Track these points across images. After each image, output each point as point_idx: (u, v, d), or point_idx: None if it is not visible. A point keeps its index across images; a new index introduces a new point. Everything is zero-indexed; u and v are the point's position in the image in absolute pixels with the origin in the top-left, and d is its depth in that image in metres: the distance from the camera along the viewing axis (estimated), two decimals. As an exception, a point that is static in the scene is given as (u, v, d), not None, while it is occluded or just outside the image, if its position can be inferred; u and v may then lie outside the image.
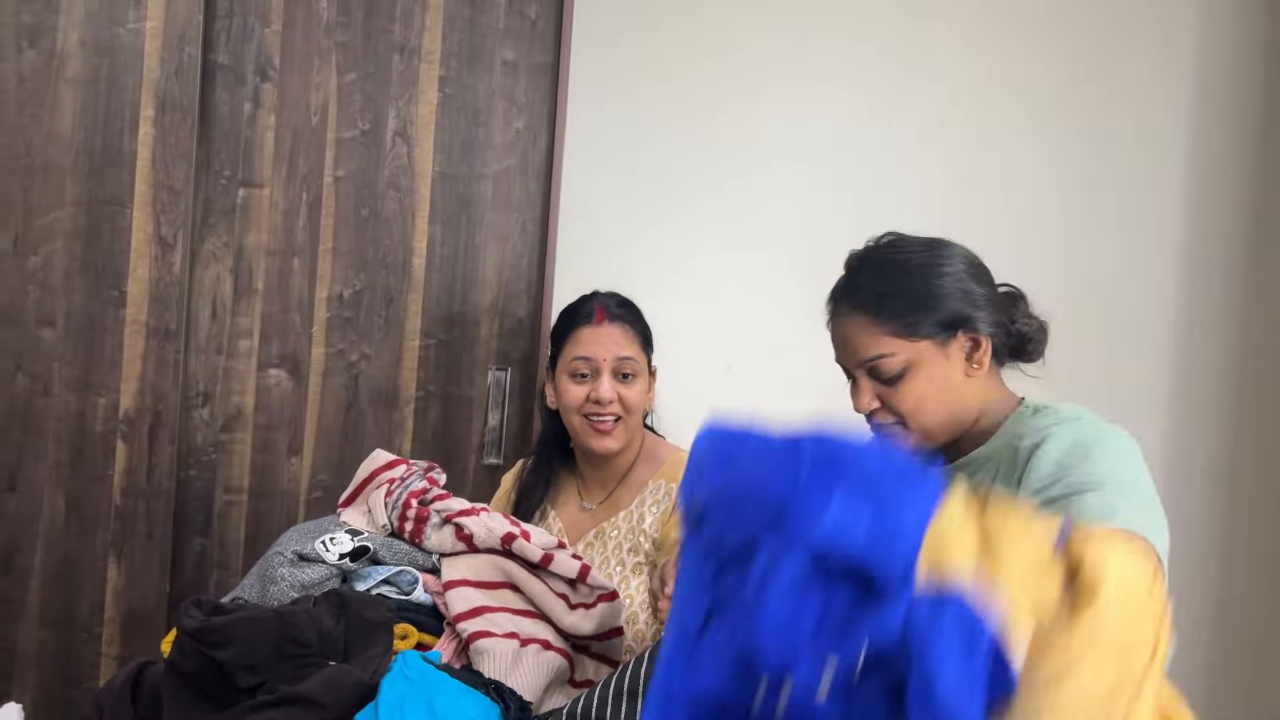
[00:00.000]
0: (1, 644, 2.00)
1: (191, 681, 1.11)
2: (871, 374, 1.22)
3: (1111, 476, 1.11)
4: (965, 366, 1.23)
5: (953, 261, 1.24)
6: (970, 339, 1.23)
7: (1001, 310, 1.27)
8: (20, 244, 1.98)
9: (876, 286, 1.23)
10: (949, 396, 1.22)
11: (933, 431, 1.23)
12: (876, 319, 1.21)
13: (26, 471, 2.00)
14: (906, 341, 1.20)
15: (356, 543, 1.31)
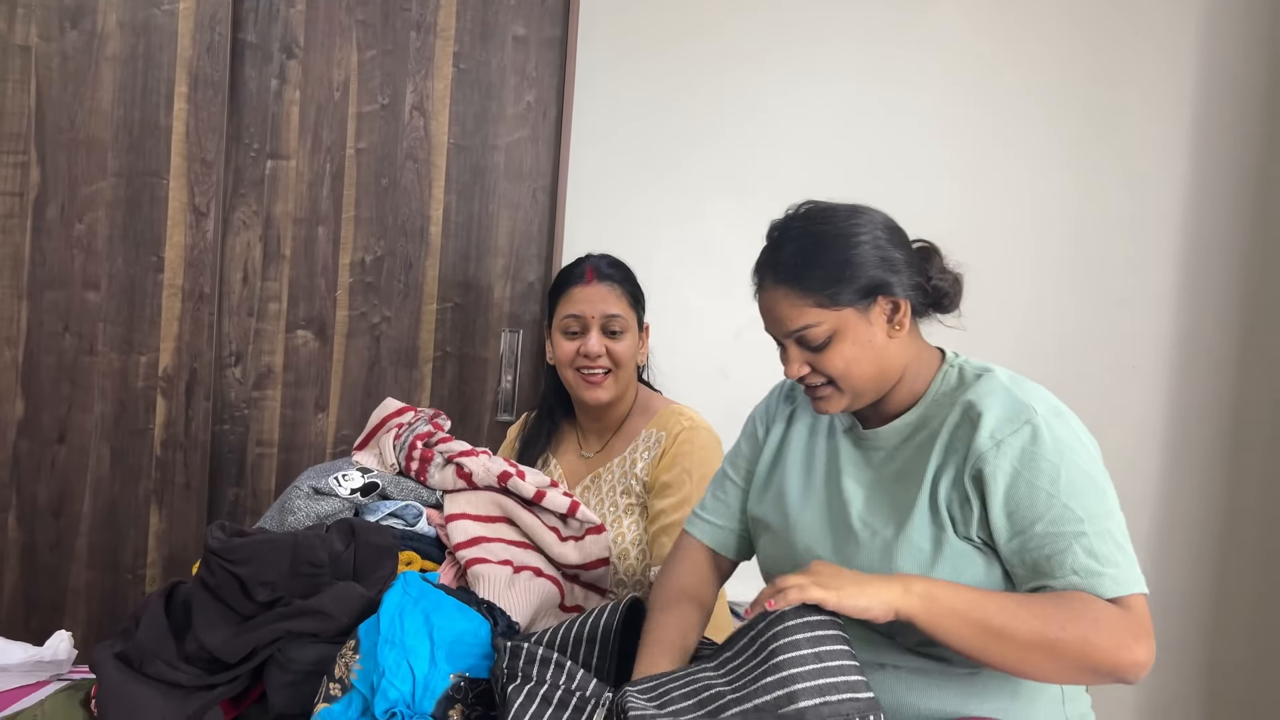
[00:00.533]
0: (54, 583, 2.17)
1: (216, 595, 1.25)
2: (800, 343, 1.27)
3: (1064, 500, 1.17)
4: (887, 329, 1.27)
5: (869, 229, 1.28)
6: (890, 303, 1.27)
7: (918, 270, 1.31)
8: (66, 212, 2.13)
9: (797, 259, 1.25)
10: (874, 357, 1.27)
11: (862, 391, 1.28)
12: (799, 291, 1.24)
13: (75, 424, 2.16)
14: (830, 311, 1.24)
15: (366, 479, 1.44)
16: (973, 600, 1.12)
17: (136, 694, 1.20)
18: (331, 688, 1.16)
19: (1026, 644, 1.10)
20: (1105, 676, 1.12)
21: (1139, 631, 1.11)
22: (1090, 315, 2.73)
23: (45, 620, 2.13)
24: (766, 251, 1.30)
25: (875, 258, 1.26)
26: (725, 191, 2.64)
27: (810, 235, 1.27)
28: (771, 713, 1.01)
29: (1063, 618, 1.11)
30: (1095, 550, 1.15)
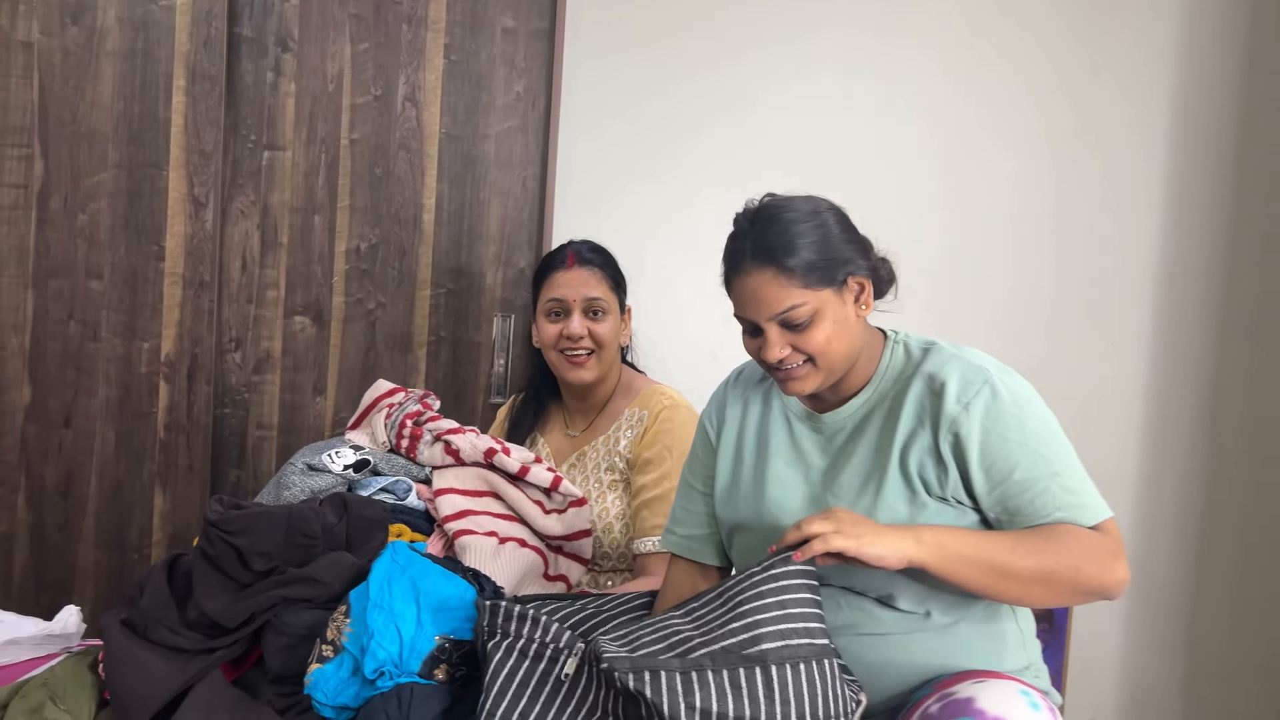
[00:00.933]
0: (63, 562, 2.25)
1: (216, 564, 1.32)
2: (783, 324, 1.31)
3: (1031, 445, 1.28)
4: (855, 308, 1.35)
5: (830, 214, 1.35)
6: (858, 283, 1.35)
7: (868, 254, 1.38)
8: (70, 203, 2.20)
9: (779, 243, 1.30)
10: (847, 335, 1.34)
11: (835, 369, 1.34)
12: (786, 273, 1.28)
13: (80, 409, 2.23)
14: (812, 291, 1.30)
15: (359, 456, 1.51)
16: (978, 545, 1.23)
17: (142, 658, 1.27)
18: (324, 649, 1.23)
19: (1029, 579, 1.23)
20: (1094, 596, 1.27)
21: (1118, 551, 1.26)
22: (1071, 298, 2.79)
23: (55, 598, 2.21)
24: (741, 239, 1.34)
25: (842, 240, 1.34)
26: (713, 179, 2.70)
27: (785, 221, 1.32)
28: (736, 653, 1.08)
29: (1056, 549, 1.23)
30: (1069, 486, 1.27)
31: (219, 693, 1.25)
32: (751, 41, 2.68)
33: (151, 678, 1.25)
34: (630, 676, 1.07)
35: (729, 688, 1.08)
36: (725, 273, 1.37)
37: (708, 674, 1.08)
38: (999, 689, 1.18)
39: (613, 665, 1.08)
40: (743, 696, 1.08)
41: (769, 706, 1.08)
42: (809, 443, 1.40)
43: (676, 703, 1.06)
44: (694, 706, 1.06)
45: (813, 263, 1.30)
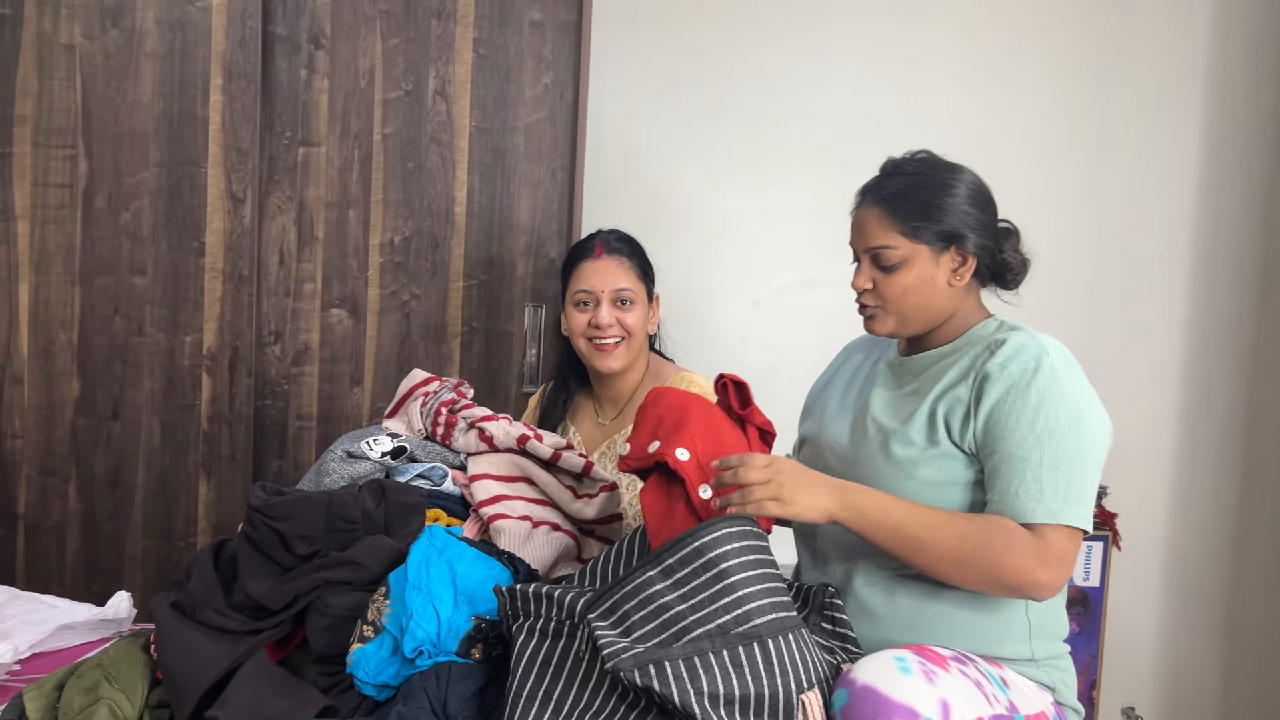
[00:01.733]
0: (113, 550, 2.32)
1: (260, 548, 1.36)
2: (874, 260, 1.45)
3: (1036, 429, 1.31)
4: (950, 276, 1.44)
5: (964, 187, 1.45)
6: (959, 255, 1.44)
7: (993, 238, 1.47)
8: (113, 202, 2.26)
9: (898, 190, 1.43)
10: (929, 295, 1.44)
11: (908, 319, 1.46)
12: (890, 216, 1.42)
13: (127, 401, 2.30)
14: (908, 241, 1.42)
15: (395, 443, 1.55)
16: (902, 516, 1.30)
17: (191, 638, 1.32)
18: (365, 630, 1.27)
19: (941, 558, 1.29)
20: (1012, 592, 1.31)
21: (1047, 558, 1.28)
22: (1105, 282, 2.77)
23: (106, 585, 2.28)
24: (877, 177, 1.49)
25: (961, 211, 1.43)
26: (740, 168, 2.71)
27: (916, 175, 1.44)
28: (732, 631, 1.11)
29: (978, 540, 1.28)
30: (1042, 481, 1.30)
31: (265, 672, 1.30)
32: (777, 31, 2.68)
33: (201, 658, 1.29)
34: (636, 674, 1.09)
35: (731, 667, 1.11)
36: (853, 203, 1.51)
37: (709, 656, 1.11)
38: (877, 658, 1.22)
39: (617, 666, 1.10)
40: (745, 674, 1.10)
41: (770, 679, 1.11)
42: (882, 379, 1.52)
43: (685, 690, 1.08)
44: (702, 692, 1.08)
45: (918, 217, 1.41)
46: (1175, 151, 2.76)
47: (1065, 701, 1.41)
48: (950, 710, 1.16)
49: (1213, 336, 2.80)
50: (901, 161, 1.49)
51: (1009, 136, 2.73)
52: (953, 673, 1.23)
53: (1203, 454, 2.82)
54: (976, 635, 1.37)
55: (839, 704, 1.17)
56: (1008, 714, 1.25)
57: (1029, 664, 1.38)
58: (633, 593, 1.16)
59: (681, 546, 1.16)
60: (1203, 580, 2.83)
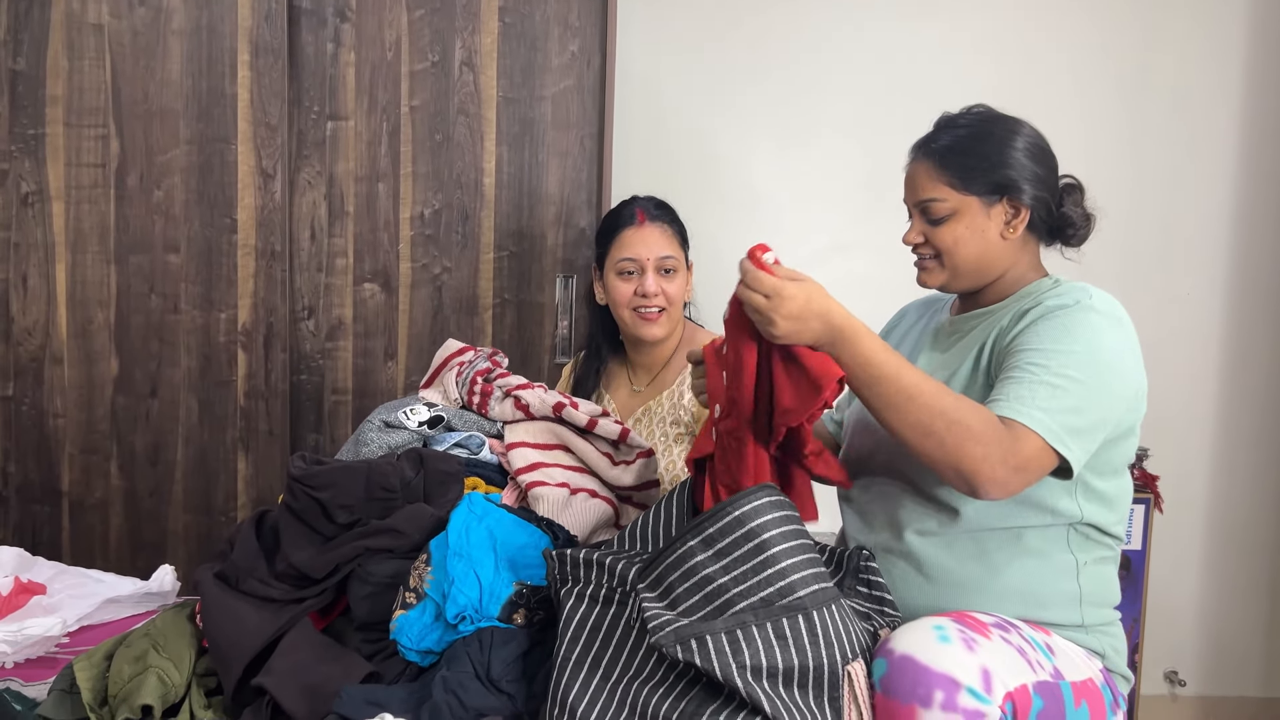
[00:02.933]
0: (156, 525, 2.35)
1: (301, 518, 1.37)
2: (923, 213, 1.43)
3: (1051, 346, 1.29)
4: (1003, 229, 1.42)
5: (1018, 139, 1.43)
6: (1012, 206, 1.42)
7: (1051, 192, 1.44)
8: (145, 180, 2.27)
9: (948, 143, 1.42)
10: (981, 248, 1.42)
11: (960, 272, 1.44)
12: (939, 168, 1.41)
13: (165, 379, 2.32)
14: (957, 193, 1.40)
15: (432, 413, 1.55)
16: (891, 368, 1.24)
17: (236, 608, 1.33)
18: (407, 596, 1.27)
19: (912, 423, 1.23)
20: (963, 481, 1.23)
21: (1009, 458, 1.22)
22: (1143, 240, 2.72)
23: (149, 559, 2.31)
24: (927, 134, 1.47)
25: (1015, 163, 1.41)
26: (768, 132, 2.68)
27: (968, 128, 1.43)
28: (776, 604, 1.10)
29: (953, 417, 1.22)
30: (1038, 392, 1.25)
31: (309, 640, 1.31)
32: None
33: (246, 627, 1.31)
34: (678, 649, 1.08)
35: (774, 639, 1.09)
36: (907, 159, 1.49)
37: (752, 629, 1.09)
38: (915, 626, 1.20)
39: (659, 641, 1.09)
40: (789, 646, 1.09)
41: (814, 651, 1.10)
42: (931, 333, 1.52)
43: (727, 664, 1.07)
44: (744, 665, 1.07)
45: (966, 169, 1.40)
46: (1215, 109, 2.69)
47: (1115, 668, 1.39)
48: (992, 678, 1.14)
49: (1253, 298, 2.74)
50: (955, 116, 1.47)
51: (1049, 97, 2.67)
52: (994, 640, 1.21)
53: (1244, 416, 2.77)
54: (1027, 599, 1.34)
55: (877, 674, 1.16)
56: (1053, 680, 1.23)
57: (1078, 630, 1.36)
58: (675, 563, 1.15)
59: (722, 515, 1.16)
60: (1245, 543, 2.79)
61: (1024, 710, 1.18)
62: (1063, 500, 1.34)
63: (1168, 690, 2.79)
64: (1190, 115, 2.69)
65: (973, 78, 2.63)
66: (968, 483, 1.23)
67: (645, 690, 1.11)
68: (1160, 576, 2.63)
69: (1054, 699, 1.22)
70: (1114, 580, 1.43)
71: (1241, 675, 2.81)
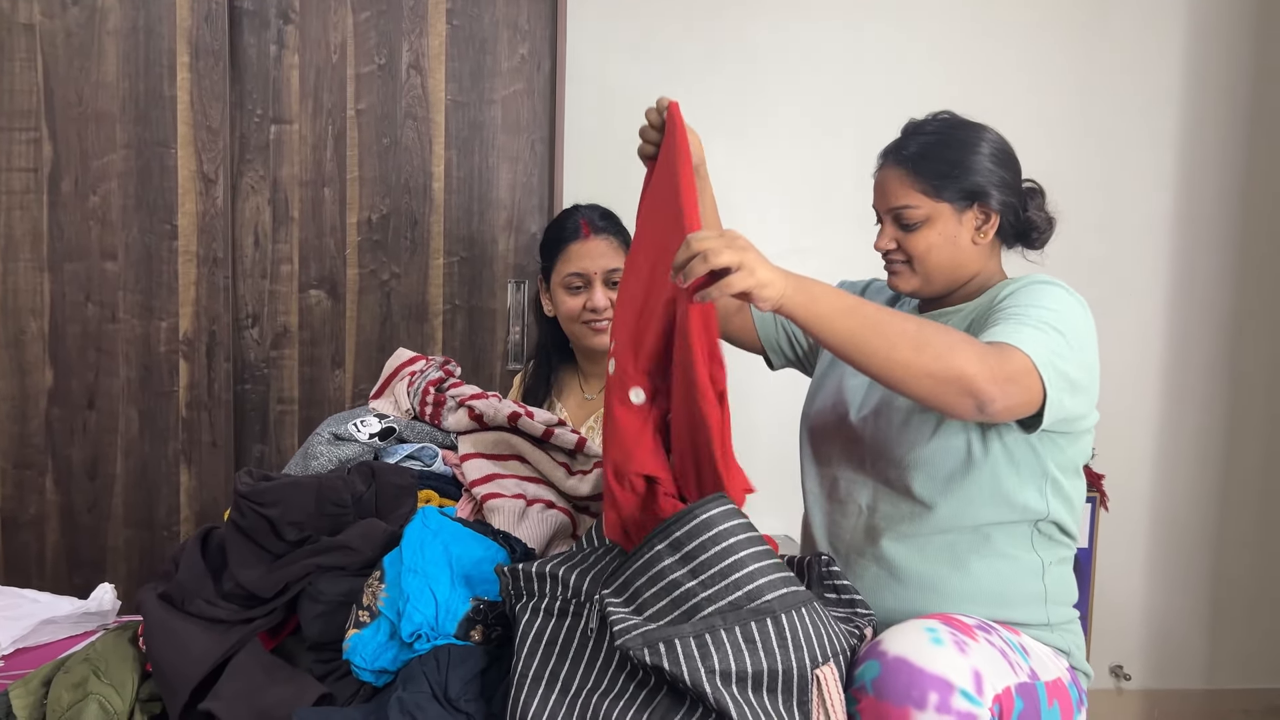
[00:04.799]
0: (94, 541, 2.27)
1: (249, 536, 1.33)
2: (896, 219, 1.44)
3: (1030, 302, 1.32)
4: (974, 234, 1.44)
5: (987, 145, 1.45)
6: (983, 212, 1.44)
7: (1017, 197, 1.47)
8: (80, 185, 2.20)
9: (919, 149, 1.43)
10: (953, 253, 1.44)
11: (932, 278, 1.45)
12: (911, 175, 1.42)
13: (102, 389, 2.25)
14: (930, 200, 1.42)
15: (384, 424, 1.52)
16: (855, 300, 1.20)
17: (181, 629, 1.28)
18: (361, 615, 1.24)
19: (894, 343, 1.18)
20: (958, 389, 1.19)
21: (998, 367, 1.20)
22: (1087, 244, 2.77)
23: (88, 577, 2.23)
24: (896, 140, 1.49)
25: (984, 169, 1.43)
26: (721, 135, 2.66)
27: (937, 135, 1.44)
28: (745, 607, 1.09)
29: (932, 330, 1.21)
30: (1022, 329, 1.27)
31: (259, 661, 1.27)
32: (758, -5, 2.64)
33: (192, 649, 1.26)
34: (645, 652, 1.06)
35: (743, 643, 1.08)
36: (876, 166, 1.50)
37: (720, 633, 1.08)
38: (906, 629, 1.20)
39: (626, 644, 1.07)
40: (758, 650, 1.08)
41: (783, 655, 1.08)
42: None
43: (696, 668, 1.05)
44: (713, 669, 1.06)
45: (939, 175, 1.41)
46: (1157, 110, 2.75)
47: (1078, 665, 1.42)
48: (983, 680, 1.15)
49: (1195, 296, 2.80)
50: (923, 122, 1.49)
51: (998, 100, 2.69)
52: (980, 642, 1.22)
53: (1187, 414, 2.83)
54: (996, 600, 1.36)
55: (870, 676, 1.15)
56: (1030, 682, 1.25)
57: (1044, 629, 1.38)
58: (643, 569, 1.13)
59: (689, 519, 1.14)
60: (1187, 540, 2.85)
61: (1008, 712, 1.19)
62: (1032, 496, 1.37)
63: (1113, 684, 2.84)
64: (1133, 116, 2.74)
65: (925, 80, 2.65)
66: (968, 388, 1.18)
67: (606, 703, 1.09)
68: (1106, 573, 2.68)
69: (1031, 700, 1.24)
70: (1073, 580, 1.47)
71: (1184, 668, 2.88)
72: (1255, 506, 2.85)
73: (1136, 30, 2.72)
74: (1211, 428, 2.84)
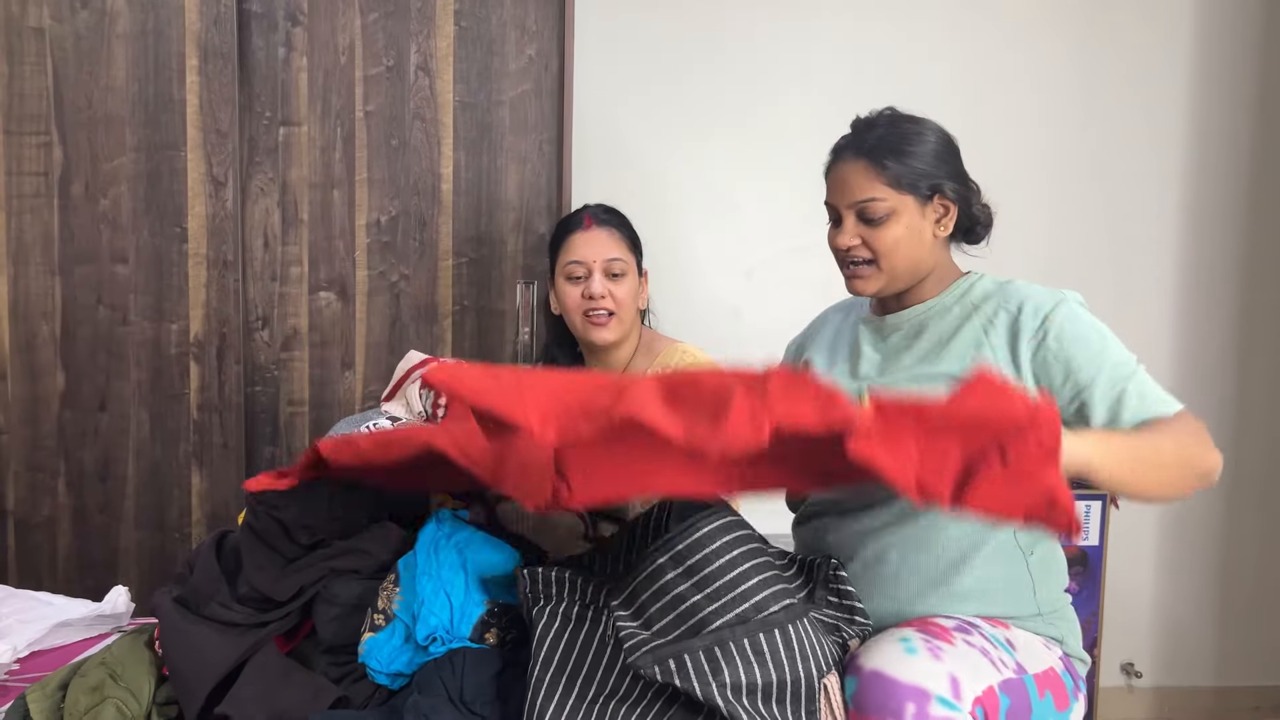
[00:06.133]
0: (106, 544, 2.28)
1: (263, 539, 1.34)
2: (860, 215, 1.42)
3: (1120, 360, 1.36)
4: (934, 227, 1.43)
5: (939, 138, 1.45)
6: (943, 205, 1.43)
7: (968, 189, 1.47)
8: (90, 189, 2.20)
9: (879, 142, 1.41)
10: (917, 247, 1.42)
11: (898, 274, 1.43)
12: (877, 168, 1.40)
13: (114, 392, 2.25)
14: (895, 192, 1.40)
15: (395, 426, 1.52)
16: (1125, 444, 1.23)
17: (197, 633, 1.29)
18: (376, 618, 1.25)
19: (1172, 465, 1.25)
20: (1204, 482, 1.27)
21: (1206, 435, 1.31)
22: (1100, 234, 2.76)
23: (100, 579, 2.24)
24: (850, 134, 1.47)
25: (941, 160, 1.42)
26: (730, 133, 2.67)
27: (896, 127, 1.43)
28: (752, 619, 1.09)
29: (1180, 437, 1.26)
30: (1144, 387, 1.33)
31: (274, 665, 1.28)
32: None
33: (208, 653, 1.27)
34: (656, 670, 1.07)
35: (752, 655, 1.08)
36: (827, 163, 1.48)
37: (730, 646, 1.08)
38: (880, 641, 1.20)
39: (637, 663, 1.08)
40: (767, 662, 1.09)
41: (791, 666, 1.09)
42: (866, 341, 1.49)
43: (707, 683, 1.06)
44: (724, 683, 1.06)
45: (905, 168, 1.39)
46: (1164, 103, 2.74)
47: (1073, 652, 1.41)
48: (960, 684, 1.15)
49: (1204, 294, 2.80)
50: (873, 117, 1.47)
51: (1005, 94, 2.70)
52: (958, 644, 1.22)
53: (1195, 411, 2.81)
54: (985, 596, 1.35)
55: (849, 691, 1.16)
56: (1016, 676, 1.25)
57: (1035, 619, 1.37)
58: (647, 582, 1.14)
59: (692, 531, 1.15)
60: (1197, 537, 2.85)
61: (993, 712, 1.19)
62: None
63: (1124, 682, 2.84)
64: (1140, 110, 2.73)
65: (931, 76, 2.64)
66: (1206, 482, 1.27)
67: (623, 709, 1.10)
68: (1116, 571, 2.68)
69: (1019, 694, 1.24)
70: (1061, 564, 1.46)
71: (1195, 665, 2.87)
72: (1265, 503, 2.85)
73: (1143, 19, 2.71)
74: (1219, 424, 2.82)
